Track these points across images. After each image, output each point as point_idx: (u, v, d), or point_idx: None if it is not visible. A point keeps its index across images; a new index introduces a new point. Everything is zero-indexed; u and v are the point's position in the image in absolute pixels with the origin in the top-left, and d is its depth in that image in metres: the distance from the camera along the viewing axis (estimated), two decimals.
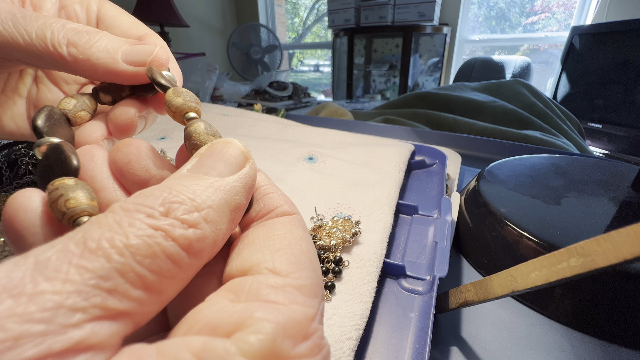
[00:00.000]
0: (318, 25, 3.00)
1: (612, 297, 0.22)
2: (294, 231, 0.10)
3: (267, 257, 0.09)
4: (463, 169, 0.49)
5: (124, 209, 0.08)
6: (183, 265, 0.08)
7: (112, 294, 0.07)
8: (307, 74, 3.29)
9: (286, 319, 0.08)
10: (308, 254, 0.10)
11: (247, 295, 0.08)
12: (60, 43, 0.13)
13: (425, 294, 0.24)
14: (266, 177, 0.12)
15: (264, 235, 0.10)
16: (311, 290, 0.09)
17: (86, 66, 0.13)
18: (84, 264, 0.07)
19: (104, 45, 0.13)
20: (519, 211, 0.28)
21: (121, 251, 0.07)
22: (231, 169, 0.10)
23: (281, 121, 0.58)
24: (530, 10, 2.01)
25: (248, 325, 0.07)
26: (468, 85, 0.84)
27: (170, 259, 0.08)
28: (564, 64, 1.24)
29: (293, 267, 0.09)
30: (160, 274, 0.08)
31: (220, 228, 0.09)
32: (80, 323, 0.06)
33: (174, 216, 0.08)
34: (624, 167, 0.36)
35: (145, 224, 0.08)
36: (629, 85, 1.04)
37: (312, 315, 0.08)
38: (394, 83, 2.06)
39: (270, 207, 0.11)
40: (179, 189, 0.09)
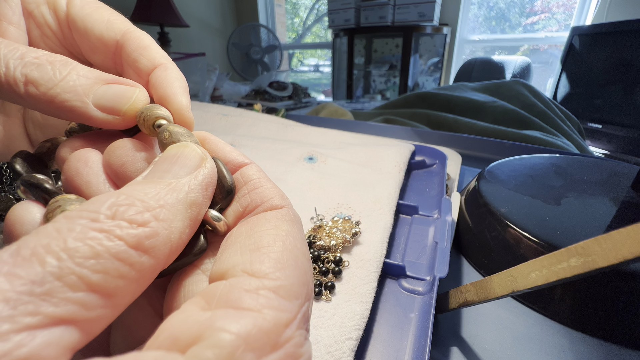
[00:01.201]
0: (318, 25, 3.00)
1: (612, 297, 0.22)
2: (280, 226, 0.10)
3: (245, 257, 0.09)
4: (463, 169, 0.49)
5: (66, 216, 0.08)
6: (134, 264, 0.08)
7: (46, 300, 0.06)
8: (307, 74, 3.29)
9: (250, 329, 0.07)
10: (293, 250, 0.09)
11: (217, 301, 0.08)
12: (17, 81, 0.10)
13: (425, 294, 0.24)
14: (259, 170, 0.12)
15: (246, 233, 0.10)
16: (290, 291, 0.08)
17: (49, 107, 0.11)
18: (14, 272, 0.06)
19: (71, 84, 0.11)
20: (519, 211, 0.28)
21: (57, 255, 0.07)
22: (187, 170, 0.10)
23: (281, 121, 0.58)
24: (530, 10, 2.01)
25: (206, 338, 0.07)
26: (468, 86, 0.84)
27: (116, 257, 0.07)
28: (563, 64, 1.24)
29: (272, 267, 0.08)
30: (107, 273, 0.07)
31: (174, 226, 0.09)
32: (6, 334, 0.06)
33: (120, 217, 0.08)
34: (624, 167, 0.36)
35: (87, 228, 0.07)
36: (629, 86, 1.04)
37: (287, 321, 0.08)
38: (394, 83, 2.06)
39: (257, 201, 0.11)
40: (129, 193, 0.08)
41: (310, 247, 0.26)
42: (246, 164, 0.12)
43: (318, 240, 0.27)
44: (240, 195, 0.11)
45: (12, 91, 0.11)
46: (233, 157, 0.12)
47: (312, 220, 0.30)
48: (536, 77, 1.76)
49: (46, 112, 0.11)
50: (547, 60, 1.97)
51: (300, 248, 0.09)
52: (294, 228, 0.10)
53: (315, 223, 0.29)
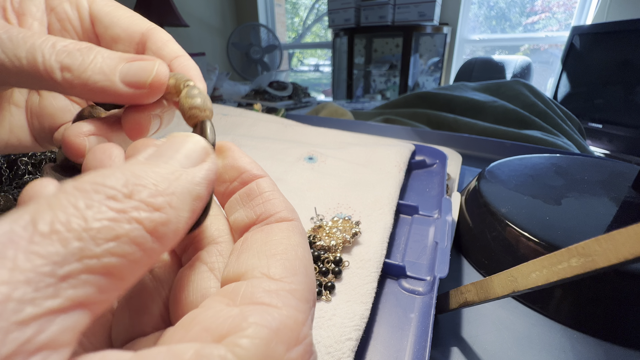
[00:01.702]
0: (318, 25, 3.00)
1: (612, 297, 0.22)
2: (291, 237, 0.11)
3: (263, 261, 0.10)
4: (463, 168, 0.49)
5: (79, 189, 0.07)
6: (147, 250, 0.08)
7: (67, 282, 0.06)
8: (307, 73, 3.29)
9: (279, 324, 0.08)
10: (303, 259, 0.10)
11: (242, 299, 0.08)
12: (54, 68, 0.12)
13: (425, 295, 0.24)
14: (272, 183, 0.13)
15: (262, 240, 0.10)
16: (303, 295, 0.09)
17: (83, 90, 0.12)
18: (35, 249, 0.06)
19: (99, 66, 0.12)
20: (520, 211, 0.28)
21: (79, 235, 0.07)
22: (192, 161, 0.10)
23: (281, 121, 0.58)
24: (530, 10, 2.00)
25: (242, 329, 0.07)
26: (468, 85, 0.84)
27: (134, 242, 0.07)
28: (564, 63, 1.24)
29: (287, 272, 0.09)
30: (124, 257, 0.07)
31: (182, 215, 0.09)
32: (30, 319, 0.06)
33: (138, 198, 0.08)
34: (624, 167, 0.36)
35: (106, 206, 0.07)
36: (629, 85, 1.04)
37: (303, 320, 0.08)
38: (394, 83, 2.06)
39: (270, 212, 0.12)
40: (140, 174, 0.08)
41: (310, 247, 0.26)
42: (262, 177, 0.13)
43: (318, 241, 0.27)
44: (255, 204, 0.12)
45: (49, 78, 0.12)
46: (250, 168, 0.13)
47: (312, 220, 0.30)
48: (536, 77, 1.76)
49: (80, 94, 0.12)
50: (548, 60, 1.97)
51: (308, 258, 0.11)
52: (302, 239, 0.11)
53: (315, 223, 0.29)
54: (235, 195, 0.13)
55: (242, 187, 0.12)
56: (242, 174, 0.12)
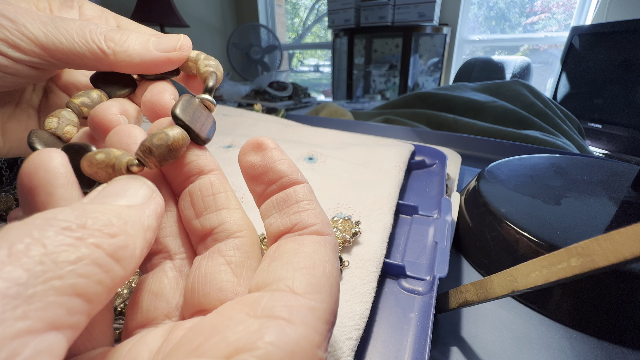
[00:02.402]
0: (318, 26, 3.00)
1: (612, 297, 0.22)
2: (322, 252, 0.10)
3: (289, 274, 0.09)
4: (463, 169, 0.49)
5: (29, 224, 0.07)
6: (110, 271, 0.08)
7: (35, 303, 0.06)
8: (307, 74, 3.29)
9: (294, 346, 0.08)
10: (330, 277, 0.10)
11: (262, 310, 0.08)
12: (100, 39, 0.14)
13: (425, 294, 0.24)
14: (310, 191, 0.13)
15: (292, 250, 0.10)
16: (323, 314, 0.09)
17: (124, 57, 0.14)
18: None
19: (134, 38, 0.14)
20: (519, 211, 0.28)
21: (40, 259, 0.07)
22: (137, 199, 0.10)
23: (281, 121, 0.58)
24: (530, 10, 2.00)
25: (257, 348, 0.07)
26: (468, 86, 0.84)
27: (96, 264, 0.08)
28: (563, 64, 1.24)
29: (311, 288, 0.09)
30: (88, 277, 0.07)
31: (138, 243, 0.09)
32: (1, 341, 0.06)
33: (93, 228, 0.08)
34: (624, 167, 0.36)
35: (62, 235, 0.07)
36: (629, 85, 1.04)
37: (319, 343, 0.08)
38: (394, 83, 2.06)
39: (305, 223, 0.11)
40: (90, 209, 0.08)
41: None
42: (300, 183, 0.12)
43: None
44: (291, 211, 0.12)
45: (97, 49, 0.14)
46: (289, 172, 0.12)
47: None
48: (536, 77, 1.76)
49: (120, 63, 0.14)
50: (547, 60, 1.97)
51: (336, 277, 0.10)
52: (333, 256, 0.11)
53: None
54: (272, 198, 0.12)
55: (280, 191, 0.12)
56: (282, 178, 0.12)
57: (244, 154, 0.13)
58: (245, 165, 0.13)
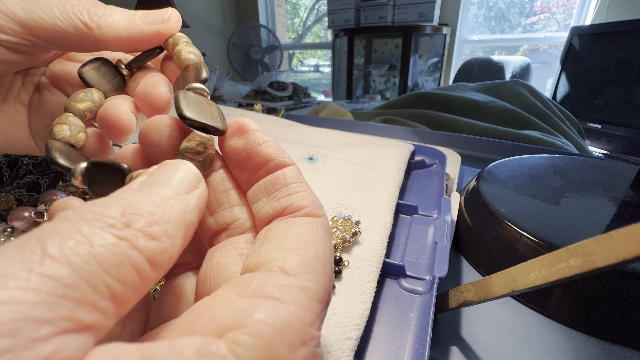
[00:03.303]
0: (318, 26, 3.00)
1: (612, 297, 0.22)
2: (314, 233, 0.10)
3: (281, 254, 0.09)
4: (463, 169, 0.49)
5: (81, 217, 0.07)
6: (145, 277, 0.08)
7: (81, 305, 0.06)
8: (307, 74, 3.29)
9: (284, 324, 0.07)
10: (322, 257, 0.10)
11: (253, 290, 0.08)
12: (82, 13, 0.13)
13: (425, 294, 0.24)
14: (299, 173, 0.12)
15: (284, 232, 0.10)
16: (316, 294, 0.09)
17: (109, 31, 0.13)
18: (46, 272, 0.06)
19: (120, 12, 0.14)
20: (519, 211, 0.28)
21: (87, 259, 0.07)
22: (184, 188, 0.10)
23: (281, 121, 0.58)
24: (529, 10, 2.01)
25: (246, 325, 0.07)
26: (468, 86, 0.84)
27: (135, 269, 0.07)
28: (563, 64, 1.24)
29: (303, 268, 0.09)
30: (126, 284, 0.07)
31: (176, 243, 0.09)
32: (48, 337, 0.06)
33: (136, 227, 0.08)
34: (623, 167, 0.36)
35: (108, 234, 0.07)
36: (628, 86, 1.04)
37: (311, 321, 0.08)
38: (394, 83, 2.06)
39: (296, 206, 0.11)
40: (135, 202, 0.08)
41: None
42: (288, 165, 0.12)
43: None
44: (280, 195, 0.12)
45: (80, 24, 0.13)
46: (276, 155, 0.12)
47: None
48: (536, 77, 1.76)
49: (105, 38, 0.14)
50: (547, 60, 1.97)
51: (329, 257, 0.10)
52: (326, 237, 0.11)
53: None
54: (259, 183, 0.12)
55: (267, 175, 0.12)
56: (268, 162, 0.12)
57: (225, 138, 0.12)
58: (228, 151, 0.12)
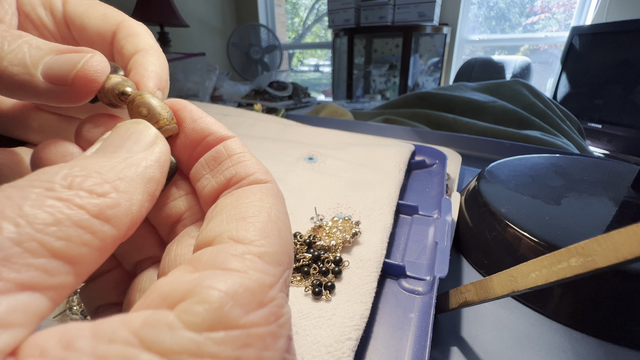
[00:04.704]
0: (318, 25, 3.00)
1: (612, 297, 0.22)
2: (264, 199, 0.10)
3: (232, 225, 0.09)
4: (463, 169, 0.49)
5: (14, 186, 0.07)
6: (97, 232, 0.08)
7: (7, 265, 0.06)
8: (307, 74, 3.29)
9: (237, 287, 0.07)
10: (277, 221, 0.09)
11: (204, 265, 0.08)
12: None
13: (425, 294, 0.24)
14: (242, 145, 0.12)
15: (232, 204, 0.10)
16: (274, 257, 0.09)
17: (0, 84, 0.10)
18: None
19: (20, 56, 0.10)
20: (519, 211, 0.28)
21: (15, 221, 0.07)
22: (141, 146, 0.10)
23: (281, 121, 0.58)
24: (530, 10, 2.00)
25: (195, 295, 0.07)
26: (468, 86, 0.84)
27: (78, 225, 0.07)
28: (563, 64, 1.24)
29: (257, 235, 0.09)
30: (70, 240, 0.07)
31: (134, 198, 0.09)
32: None
33: (78, 188, 0.08)
34: (624, 167, 0.36)
35: (42, 196, 0.07)
36: (629, 85, 1.04)
37: (270, 283, 0.08)
38: (394, 83, 2.06)
39: (242, 174, 0.11)
40: (83, 165, 0.08)
41: (310, 247, 0.26)
42: (229, 137, 0.11)
43: (318, 241, 0.27)
44: (224, 167, 0.11)
45: None
46: (215, 129, 0.11)
47: (312, 220, 0.30)
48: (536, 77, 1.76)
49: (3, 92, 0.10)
50: (547, 60, 1.97)
51: (284, 220, 0.10)
52: (277, 202, 0.10)
53: (315, 223, 0.29)
54: (200, 160, 0.11)
55: (207, 151, 0.11)
56: (207, 137, 0.11)
57: None
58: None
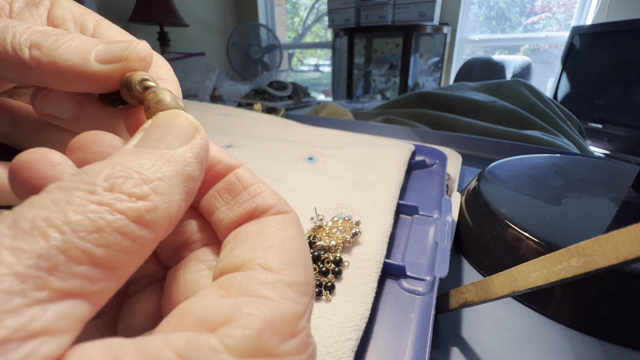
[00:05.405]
0: (318, 25, 3.00)
1: (612, 297, 0.22)
2: (288, 229, 0.10)
3: (260, 253, 0.09)
4: (464, 168, 0.49)
5: (60, 187, 0.07)
6: (136, 238, 0.08)
7: (53, 273, 0.06)
8: (307, 73, 3.29)
9: (274, 315, 0.07)
10: (301, 251, 0.10)
11: (237, 291, 0.08)
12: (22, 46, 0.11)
13: (425, 295, 0.24)
14: (251, 173, 0.12)
15: (257, 232, 0.10)
16: (302, 287, 0.09)
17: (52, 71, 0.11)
18: (18, 245, 0.06)
19: (74, 45, 0.11)
20: (520, 211, 0.28)
21: (60, 228, 0.07)
22: (180, 140, 0.10)
23: (281, 121, 0.58)
24: (530, 10, 2.00)
25: (235, 320, 0.07)
26: (468, 85, 0.84)
27: (119, 232, 0.07)
28: (564, 64, 1.24)
29: (285, 264, 0.09)
30: (110, 247, 0.07)
31: (173, 199, 0.09)
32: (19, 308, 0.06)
33: (119, 190, 0.08)
34: (624, 167, 0.36)
35: (86, 200, 0.07)
36: (629, 85, 1.04)
37: (301, 313, 0.08)
38: (394, 83, 2.06)
39: (263, 207, 0.11)
40: (124, 164, 0.08)
41: (310, 247, 0.26)
42: (238, 166, 0.12)
43: (318, 241, 0.27)
44: (242, 200, 0.11)
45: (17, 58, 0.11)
46: (223, 158, 0.11)
47: (312, 220, 0.30)
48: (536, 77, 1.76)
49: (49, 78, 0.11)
50: (548, 60, 1.97)
51: (306, 250, 0.10)
52: (300, 232, 0.11)
53: (315, 223, 0.29)
54: (211, 191, 0.11)
55: (217, 181, 0.11)
56: (214, 166, 0.11)
57: None
58: None
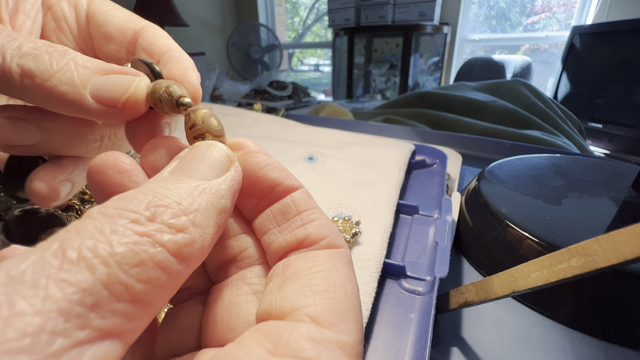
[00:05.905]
0: (318, 25, 3.00)
1: (612, 297, 0.22)
2: (339, 269, 0.09)
3: (309, 300, 0.08)
4: (464, 168, 0.49)
5: (105, 214, 0.07)
6: (173, 273, 0.07)
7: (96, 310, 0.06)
8: (307, 73, 3.29)
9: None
10: (353, 299, 0.09)
11: (285, 348, 0.07)
12: (13, 72, 0.10)
13: (425, 295, 0.24)
14: (309, 198, 0.11)
15: (307, 269, 0.09)
16: (353, 349, 0.08)
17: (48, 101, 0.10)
18: (64, 277, 0.06)
19: (68, 75, 0.10)
20: (520, 211, 0.28)
21: (106, 261, 0.06)
22: (216, 172, 0.10)
23: (281, 121, 0.58)
24: (530, 10, 2.00)
25: None
26: (468, 85, 0.84)
27: (159, 266, 0.07)
28: (564, 63, 1.24)
29: (336, 317, 0.08)
30: (149, 283, 0.07)
31: (207, 232, 0.08)
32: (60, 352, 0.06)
33: (160, 221, 0.07)
34: (624, 167, 0.36)
35: (130, 230, 0.07)
36: (629, 85, 1.04)
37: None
38: (394, 83, 2.06)
39: (314, 237, 0.10)
40: (163, 192, 0.08)
41: None
42: (297, 188, 0.11)
43: None
44: (294, 225, 0.11)
45: (8, 83, 0.10)
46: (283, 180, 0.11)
47: None
48: (537, 77, 1.76)
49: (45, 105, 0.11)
50: (548, 59, 1.97)
51: (357, 296, 0.09)
52: (352, 272, 0.10)
53: None
54: (267, 211, 0.11)
55: (275, 202, 0.11)
56: (275, 187, 0.11)
57: None
58: None
